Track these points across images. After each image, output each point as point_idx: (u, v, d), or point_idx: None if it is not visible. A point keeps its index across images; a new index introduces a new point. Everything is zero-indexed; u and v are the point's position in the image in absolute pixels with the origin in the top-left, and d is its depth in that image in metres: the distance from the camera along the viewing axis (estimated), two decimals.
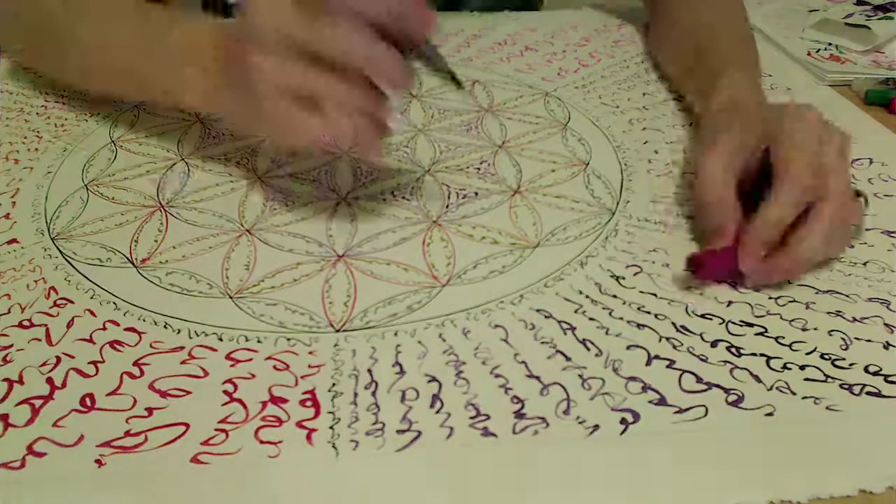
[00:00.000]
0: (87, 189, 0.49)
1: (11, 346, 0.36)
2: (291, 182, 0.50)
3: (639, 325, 0.38)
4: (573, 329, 0.38)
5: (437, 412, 0.33)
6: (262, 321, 0.38)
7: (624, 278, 0.41)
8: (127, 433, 0.32)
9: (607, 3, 0.82)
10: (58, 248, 0.43)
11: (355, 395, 0.34)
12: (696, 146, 0.46)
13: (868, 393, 0.34)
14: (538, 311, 0.39)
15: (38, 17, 0.51)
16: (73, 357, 0.36)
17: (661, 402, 0.34)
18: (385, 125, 0.39)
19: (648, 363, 0.36)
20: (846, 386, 0.35)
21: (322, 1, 0.35)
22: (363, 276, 0.41)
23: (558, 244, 0.44)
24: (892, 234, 0.45)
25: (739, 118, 0.43)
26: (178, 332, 0.37)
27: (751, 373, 0.35)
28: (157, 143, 0.54)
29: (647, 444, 0.32)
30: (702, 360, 0.36)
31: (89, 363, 0.35)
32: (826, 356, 0.36)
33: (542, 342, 0.37)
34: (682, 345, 0.37)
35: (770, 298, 0.40)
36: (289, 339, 0.37)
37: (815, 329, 0.38)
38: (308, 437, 0.32)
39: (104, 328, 0.37)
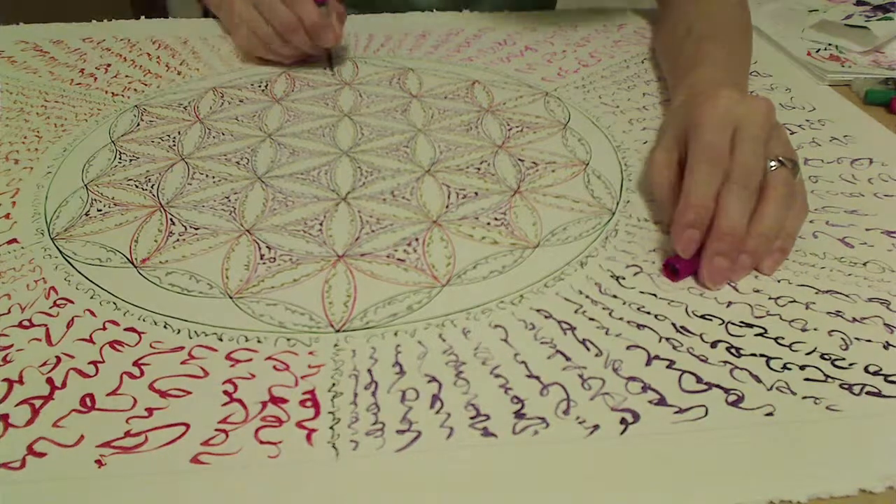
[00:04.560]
0: (87, 189, 0.49)
1: (11, 346, 0.36)
2: (291, 182, 0.50)
3: (639, 326, 0.38)
4: (573, 329, 0.38)
5: (437, 412, 0.33)
6: (262, 321, 0.38)
7: (624, 278, 0.41)
8: (127, 433, 0.32)
9: (609, 3, 0.82)
10: (58, 248, 0.43)
11: (355, 395, 0.34)
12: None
13: (868, 393, 0.34)
14: (538, 311, 0.39)
15: None
16: (73, 357, 0.36)
17: (661, 402, 0.34)
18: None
19: (648, 363, 0.36)
20: (846, 386, 0.35)
21: None
22: (363, 276, 0.41)
23: (558, 244, 0.44)
24: (892, 234, 0.45)
25: (673, 113, 0.46)
26: (178, 332, 0.37)
27: (751, 373, 0.35)
28: (157, 143, 0.54)
29: (647, 444, 0.32)
30: (702, 360, 0.36)
31: (89, 363, 0.35)
32: (826, 356, 0.36)
33: (542, 342, 0.37)
34: (682, 345, 0.37)
35: (770, 299, 0.40)
36: (289, 340, 0.37)
37: (815, 329, 0.38)
38: (308, 437, 0.32)
39: (104, 328, 0.37)
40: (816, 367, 0.35)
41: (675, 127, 0.44)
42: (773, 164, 0.40)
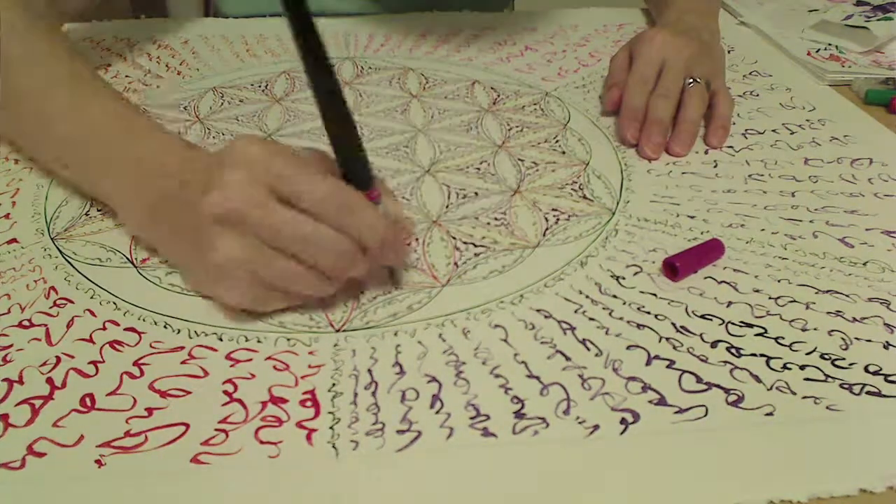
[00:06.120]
0: None
1: (11, 346, 0.36)
2: None
3: (639, 325, 0.38)
4: (573, 329, 0.38)
5: (437, 412, 0.33)
6: (262, 321, 0.38)
7: (624, 278, 0.41)
8: (127, 433, 0.32)
9: (609, 3, 0.82)
10: (58, 248, 0.43)
11: (355, 395, 0.34)
12: None
13: (868, 393, 0.34)
14: (538, 311, 0.39)
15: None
16: (73, 357, 0.36)
17: (661, 402, 0.34)
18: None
19: (648, 363, 0.36)
20: (846, 386, 0.35)
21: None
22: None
23: (558, 244, 0.44)
24: (892, 234, 0.45)
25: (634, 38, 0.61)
26: (178, 332, 0.37)
27: (751, 373, 0.35)
28: None
29: (647, 444, 0.32)
30: (702, 360, 0.36)
31: (89, 363, 0.35)
32: (826, 356, 0.36)
33: (542, 342, 0.37)
34: (682, 345, 0.37)
35: (770, 299, 0.40)
36: (289, 339, 0.37)
37: (815, 329, 0.38)
38: (308, 437, 0.32)
39: (104, 328, 0.37)
40: (816, 367, 0.35)
41: (629, 48, 0.60)
42: (690, 81, 0.56)
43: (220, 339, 0.37)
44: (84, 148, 0.43)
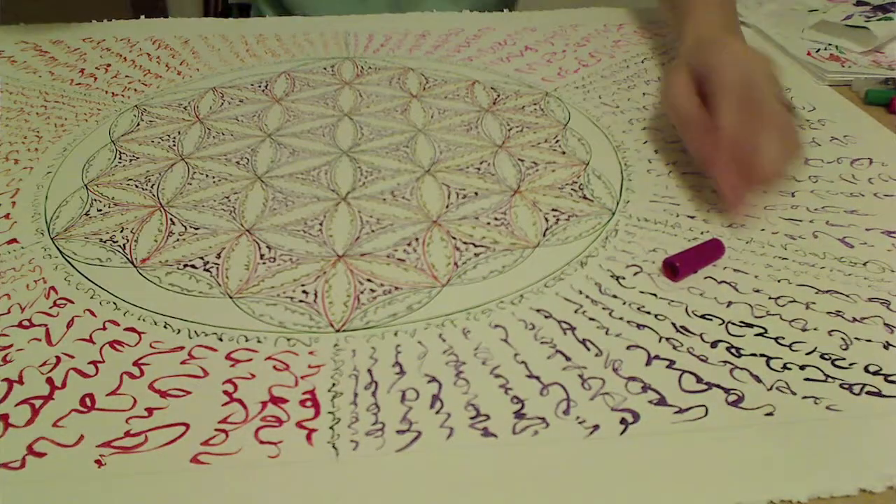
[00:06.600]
0: (87, 189, 0.49)
1: (11, 346, 0.36)
2: (291, 182, 0.50)
3: (639, 325, 0.38)
4: (573, 329, 0.38)
5: (437, 412, 0.33)
6: (262, 321, 0.38)
7: (624, 278, 0.41)
8: (127, 433, 0.32)
9: (609, 2, 0.82)
10: (58, 248, 0.43)
11: (355, 395, 0.34)
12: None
13: (868, 393, 0.34)
14: (538, 311, 0.39)
15: None
16: (73, 357, 0.36)
17: (661, 402, 0.34)
18: None
19: (648, 363, 0.36)
20: (846, 386, 0.35)
21: None
22: (363, 276, 0.41)
23: (558, 244, 0.44)
24: (892, 234, 0.45)
25: (686, 54, 0.50)
26: (178, 332, 0.37)
27: (751, 373, 0.35)
28: (157, 143, 0.54)
29: (647, 444, 0.32)
30: (702, 360, 0.36)
31: (89, 363, 0.35)
32: (826, 356, 0.36)
33: (542, 342, 0.37)
34: (682, 345, 0.37)
35: (770, 298, 0.40)
36: (289, 339, 0.37)
37: (815, 329, 0.38)
38: (308, 437, 0.32)
39: (104, 328, 0.37)
40: (816, 367, 0.35)
41: (691, 65, 0.48)
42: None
43: (220, 339, 0.37)
44: None
